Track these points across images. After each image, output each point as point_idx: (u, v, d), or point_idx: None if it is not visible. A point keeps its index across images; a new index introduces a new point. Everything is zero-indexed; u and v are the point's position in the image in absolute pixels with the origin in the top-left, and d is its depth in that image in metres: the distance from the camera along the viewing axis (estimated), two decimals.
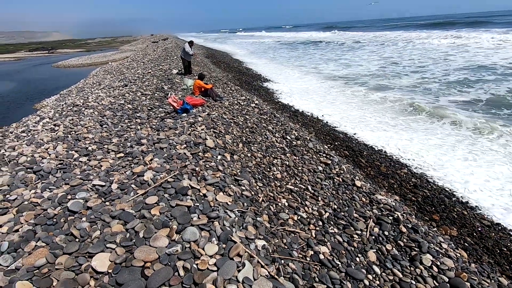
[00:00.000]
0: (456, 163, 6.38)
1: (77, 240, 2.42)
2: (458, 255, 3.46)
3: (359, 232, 3.54)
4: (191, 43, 11.74)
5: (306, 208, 3.87)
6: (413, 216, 4.19)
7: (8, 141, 5.59)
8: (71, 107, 7.58)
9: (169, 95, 7.70)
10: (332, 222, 3.69)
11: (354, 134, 8.21)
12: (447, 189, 5.54)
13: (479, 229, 4.45)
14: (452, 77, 13.84)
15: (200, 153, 4.12)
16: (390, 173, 6.07)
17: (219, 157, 4.21)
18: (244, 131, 5.89)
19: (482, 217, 4.72)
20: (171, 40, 44.86)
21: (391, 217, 3.80)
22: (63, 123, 6.11)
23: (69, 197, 3.12)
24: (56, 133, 5.49)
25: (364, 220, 3.76)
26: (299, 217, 3.62)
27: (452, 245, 3.76)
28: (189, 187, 3.12)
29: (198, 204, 2.87)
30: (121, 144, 4.88)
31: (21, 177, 3.75)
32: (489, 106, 9.70)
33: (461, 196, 5.30)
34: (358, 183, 4.66)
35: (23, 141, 5.29)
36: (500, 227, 4.49)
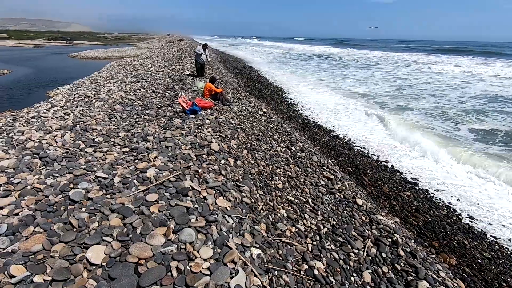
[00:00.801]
0: (467, 192, 6.33)
1: (74, 229, 2.43)
2: (456, 285, 3.38)
3: (356, 251, 3.50)
4: (205, 46, 11.73)
5: (305, 221, 3.83)
6: (413, 241, 4.13)
7: (18, 125, 5.68)
8: (83, 98, 7.70)
9: (179, 95, 7.78)
10: (329, 238, 3.65)
11: (363, 147, 8.18)
12: (450, 215, 5.46)
13: (479, 260, 4.36)
14: (468, 105, 13.86)
15: (204, 156, 4.13)
16: (392, 194, 6.01)
17: (222, 161, 4.22)
18: (250, 137, 5.90)
19: (483, 248, 4.63)
20: (187, 41, 45.51)
21: (390, 239, 3.75)
22: (73, 112, 6.20)
23: (71, 186, 3.14)
24: (65, 122, 5.57)
25: (362, 239, 3.71)
26: (297, 230, 3.59)
27: (450, 274, 3.69)
28: (190, 188, 3.13)
29: (197, 206, 2.87)
30: (128, 139, 4.92)
31: (26, 161, 3.80)
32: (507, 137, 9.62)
33: (464, 225, 5.22)
34: (359, 201, 4.62)
35: (33, 127, 5.37)
36: (501, 261, 4.39)
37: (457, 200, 6.02)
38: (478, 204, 5.88)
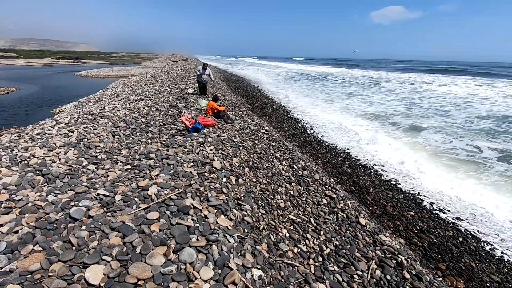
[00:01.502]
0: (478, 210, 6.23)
1: (74, 248, 2.40)
2: None
3: (360, 272, 3.41)
4: (204, 66, 11.80)
5: (307, 241, 3.76)
6: (418, 263, 4.03)
7: (23, 141, 5.74)
8: (87, 115, 7.82)
9: (182, 113, 7.89)
10: (332, 259, 3.57)
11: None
12: (456, 236, 5.34)
13: (487, 284, 4.22)
14: (476, 125, 13.97)
15: (206, 173, 4.13)
16: (396, 214, 5.92)
17: (224, 179, 4.21)
18: (251, 155, 5.92)
19: (492, 271, 4.49)
20: (191, 61, 46.67)
21: (394, 261, 3.66)
22: (77, 129, 6.28)
23: (72, 203, 3.13)
24: (69, 139, 5.63)
25: (366, 261, 3.62)
26: (299, 250, 3.52)
27: None
28: (191, 206, 3.11)
29: (198, 224, 2.84)
30: (130, 156, 4.94)
31: (29, 178, 3.81)
32: None
33: (471, 246, 5.09)
34: (362, 221, 4.54)
35: (37, 143, 5.42)
36: (510, 285, 4.25)
37: (463, 220, 5.91)
38: (486, 224, 5.76)
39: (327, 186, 5.64)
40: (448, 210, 6.27)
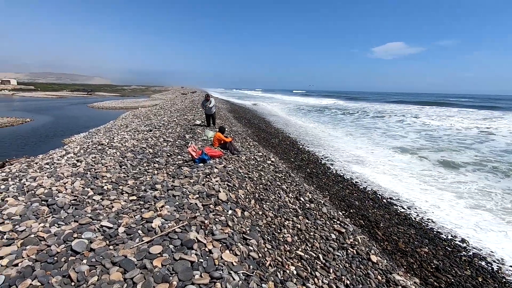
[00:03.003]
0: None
1: (73, 284, 2.31)
2: None
3: None
4: (206, 97, 12.05)
5: (316, 279, 3.56)
6: None
7: (31, 171, 5.81)
8: (96, 145, 7.96)
9: (189, 144, 7.98)
10: None
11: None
12: (475, 276, 5.00)
13: None
14: (506, 158, 13.50)
15: (211, 205, 4.06)
16: (409, 250, 5.63)
17: (229, 211, 4.12)
18: (257, 187, 5.84)
19: None
20: (199, 93, 48.23)
21: None
22: (85, 159, 6.36)
23: (75, 235, 3.08)
24: (77, 169, 5.68)
25: None
26: None
27: None
28: (196, 240, 3.02)
29: (202, 260, 2.73)
30: (136, 187, 4.93)
31: (34, 208, 3.80)
32: None
33: None
34: (374, 258, 4.32)
35: (45, 173, 5.48)
36: None
37: (482, 259, 5.57)
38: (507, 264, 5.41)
39: (335, 220, 5.46)
40: (464, 247, 5.95)
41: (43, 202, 4.04)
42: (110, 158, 6.51)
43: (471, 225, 6.91)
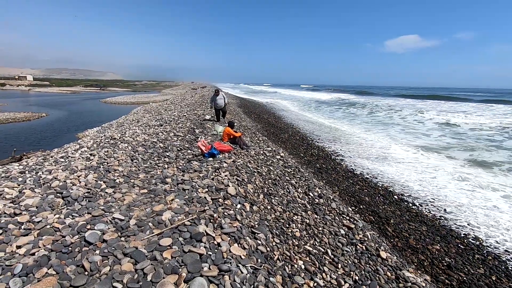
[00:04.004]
0: None
1: (86, 273, 2.39)
2: None
3: None
4: (216, 92, 12.09)
5: (324, 274, 3.56)
6: None
7: (47, 164, 6.00)
8: (109, 140, 8.13)
9: (199, 138, 8.04)
10: None
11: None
12: (489, 275, 4.89)
13: None
14: None
15: (220, 199, 4.10)
16: (420, 247, 5.55)
17: (238, 205, 4.15)
18: (266, 182, 5.85)
19: None
20: (209, 88, 48.40)
21: None
22: (98, 153, 6.51)
23: (88, 226, 3.17)
24: (90, 163, 5.82)
25: None
26: (315, 284, 3.32)
27: None
28: (205, 233, 3.06)
29: (211, 253, 2.77)
30: (147, 181, 5.02)
31: (50, 200, 3.93)
32: None
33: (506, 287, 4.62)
34: (383, 255, 4.28)
35: (60, 166, 5.64)
36: None
37: (495, 258, 5.44)
38: None
39: (344, 216, 5.43)
40: (478, 244, 5.81)
41: (58, 194, 4.17)
42: (122, 152, 6.64)
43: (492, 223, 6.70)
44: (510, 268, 5.16)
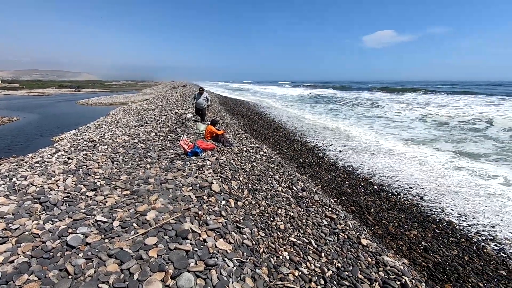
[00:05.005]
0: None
1: (70, 277, 2.36)
2: None
3: None
4: (200, 91, 11.73)
5: (308, 263, 3.69)
6: (423, 283, 3.92)
7: (21, 170, 5.76)
8: (87, 142, 7.89)
9: (181, 137, 7.98)
10: (335, 282, 3.48)
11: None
12: (462, 256, 5.22)
13: None
14: None
15: (204, 197, 4.13)
16: (398, 233, 5.82)
17: (223, 202, 4.19)
18: (250, 178, 5.92)
19: None
20: (189, 87, 47.74)
21: (398, 282, 3.57)
22: (76, 156, 6.32)
23: (70, 231, 3.11)
24: (68, 166, 5.65)
25: (369, 283, 3.53)
26: (300, 273, 3.44)
27: None
28: (190, 230, 3.09)
29: (197, 249, 2.81)
30: (129, 182, 4.95)
31: (27, 206, 3.80)
32: None
33: (478, 266, 4.96)
34: (364, 242, 4.47)
35: (36, 172, 5.44)
36: None
37: (468, 239, 5.80)
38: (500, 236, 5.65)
39: (327, 207, 5.60)
40: (452, 229, 6.18)
41: (35, 200, 4.03)
42: (102, 154, 6.48)
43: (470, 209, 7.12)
44: (481, 248, 5.53)
